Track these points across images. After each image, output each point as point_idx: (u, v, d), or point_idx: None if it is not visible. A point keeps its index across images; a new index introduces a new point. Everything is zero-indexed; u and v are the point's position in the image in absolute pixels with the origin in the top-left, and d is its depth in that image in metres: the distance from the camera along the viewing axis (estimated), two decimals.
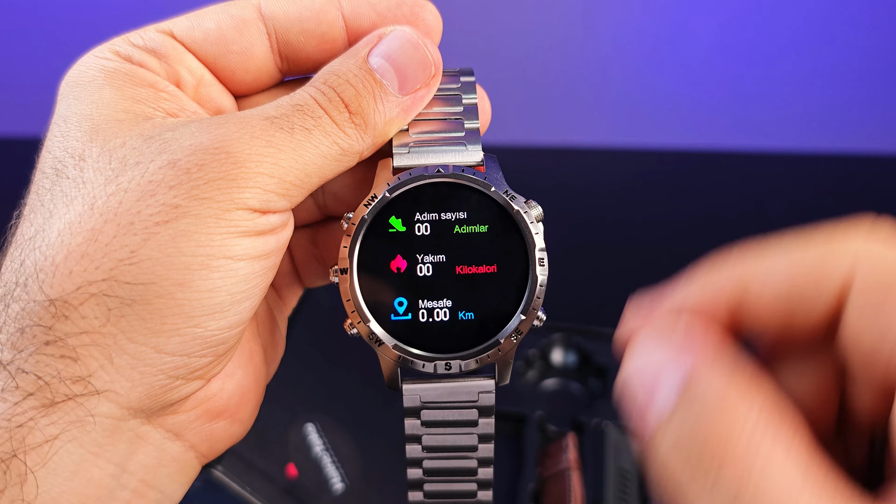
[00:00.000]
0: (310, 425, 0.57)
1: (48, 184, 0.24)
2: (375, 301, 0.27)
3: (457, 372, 0.27)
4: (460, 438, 0.28)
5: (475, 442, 0.28)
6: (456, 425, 0.28)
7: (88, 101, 0.25)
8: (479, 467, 0.29)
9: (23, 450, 0.22)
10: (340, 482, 0.54)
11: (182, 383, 0.24)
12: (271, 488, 0.52)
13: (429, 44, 0.27)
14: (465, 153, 0.28)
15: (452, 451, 0.29)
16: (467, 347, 0.27)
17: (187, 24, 0.28)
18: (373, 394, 0.61)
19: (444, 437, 0.28)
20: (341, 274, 0.27)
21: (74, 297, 0.23)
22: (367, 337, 0.27)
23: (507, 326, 0.27)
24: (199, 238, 0.23)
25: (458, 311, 0.28)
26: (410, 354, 0.27)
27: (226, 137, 0.24)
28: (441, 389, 0.28)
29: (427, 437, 0.28)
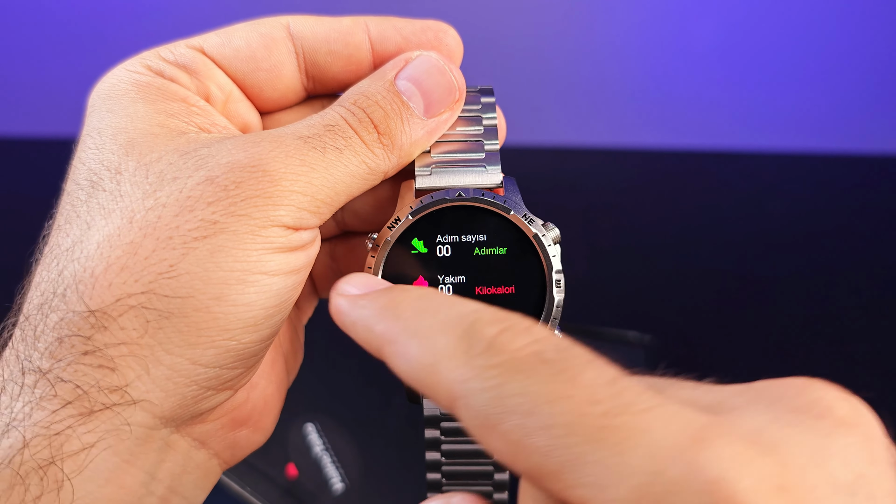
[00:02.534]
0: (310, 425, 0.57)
1: (83, 195, 0.25)
2: None
3: None
4: (478, 446, 0.29)
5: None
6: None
7: (123, 114, 0.26)
8: (496, 472, 0.30)
9: (60, 457, 0.22)
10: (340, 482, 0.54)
11: (213, 394, 0.25)
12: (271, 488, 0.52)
13: (453, 69, 0.28)
14: (484, 174, 0.29)
15: (470, 456, 0.29)
16: None
17: (217, 40, 0.28)
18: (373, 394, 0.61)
19: (463, 445, 0.29)
20: None
21: (114, 309, 0.23)
22: None
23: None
24: (236, 254, 0.24)
25: None
26: None
27: (262, 156, 0.24)
28: None
29: (446, 445, 0.29)
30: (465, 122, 0.29)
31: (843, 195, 0.87)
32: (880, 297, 0.73)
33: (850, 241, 0.80)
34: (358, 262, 0.32)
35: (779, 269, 0.76)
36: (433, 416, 0.29)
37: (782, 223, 0.82)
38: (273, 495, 0.52)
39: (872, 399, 0.66)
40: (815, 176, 0.89)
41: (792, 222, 0.82)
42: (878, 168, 0.88)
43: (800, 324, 0.70)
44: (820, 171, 0.89)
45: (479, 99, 0.30)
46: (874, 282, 0.75)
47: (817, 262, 0.77)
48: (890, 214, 0.83)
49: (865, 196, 0.86)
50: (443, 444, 0.29)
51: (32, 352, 0.23)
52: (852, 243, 0.79)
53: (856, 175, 0.88)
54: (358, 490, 0.54)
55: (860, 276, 0.76)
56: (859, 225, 0.82)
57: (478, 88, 0.30)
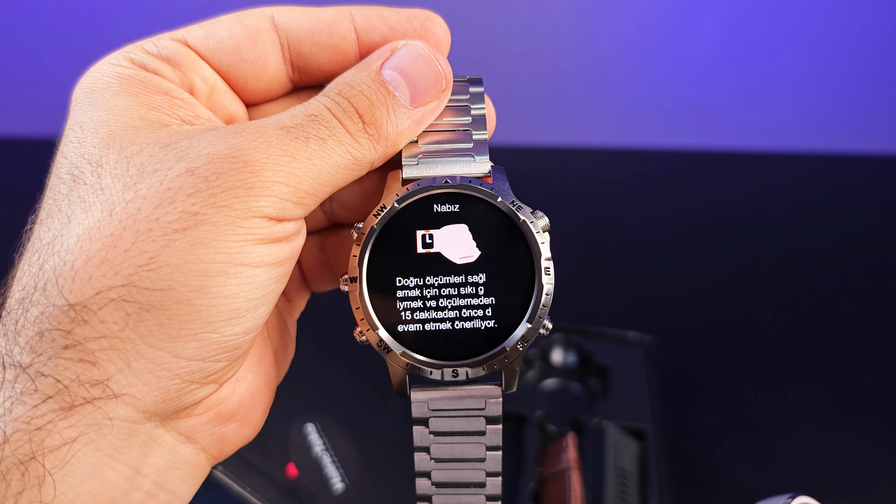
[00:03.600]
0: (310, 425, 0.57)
1: (65, 189, 0.25)
2: (384, 309, 0.28)
3: (464, 379, 0.28)
4: (468, 449, 0.29)
5: (483, 453, 0.29)
6: (464, 434, 0.28)
7: (104, 107, 0.26)
8: (488, 478, 0.29)
9: (41, 452, 0.22)
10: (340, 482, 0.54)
11: (196, 387, 0.25)
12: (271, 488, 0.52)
13: (440, 58, 0.28)
14: (473, 164, 0.28)
15: (460, 461, 0.29)
16: (474, 355, 0.28)
17: (201, 32, 0.28)
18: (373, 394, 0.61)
19: (453, 447, 0.29)
20: (351, 283, 0.28)
21: (94, 302, 0.23)
22: (376, 345, 0.28)
23: (514, 334, 0.28)
24: (217, 245, 0.23)
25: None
26: (418, 362, 0.28)
27: (243, 146, 0.24)
28: (449, 397, 0.28)
29: (435, 446, 0.29)
30: (453, 111, 0.29)
31: (843, 195, 0.87)
32: (880, 297, 0.73)
33: (850, 240, 0.80)
34: (346, 253, 0.32)
35: (778, 269, 0.76)
36: (422, 416, 0.28)
37: (782, 223, 0.82)
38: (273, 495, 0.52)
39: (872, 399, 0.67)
40: (815, 176, 0.89)
41: (792, 222, 0.82)
42: (878, 168, 0.88)
43: (800, 323, 0.70)
44: (820, 171, 0.89)
45: (468, 88, 0.29)
46: (874, 282, 0.75)
47: (817, 262, 0.77)
48: (890, 214, 0.84)
49: (865, 196, 0.86)
50: (432, 448, 0.29)
51: (13, 346, 0.23)
52: (852, 243, 0.79)
53: (856, 175, 0.89)
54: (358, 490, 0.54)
55: (860, 275, 0.76)
56: (859, 225, 0.82)
57: (466, 78, 0.29)
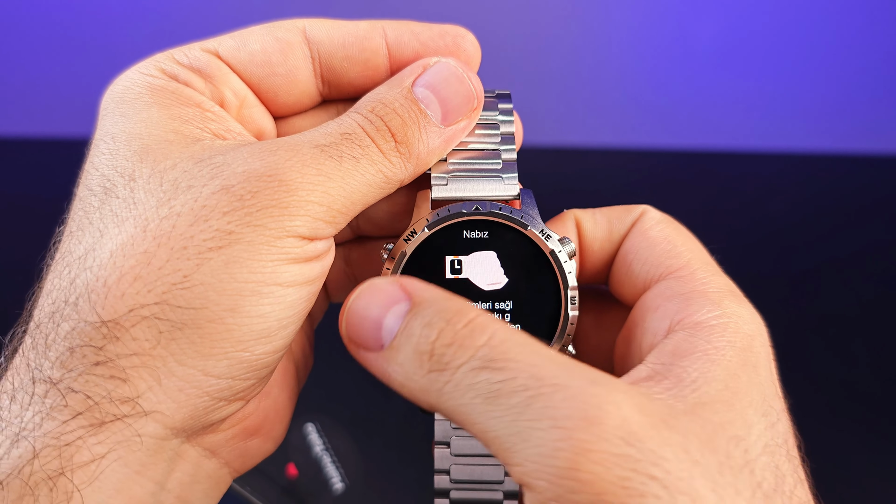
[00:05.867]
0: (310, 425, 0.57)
1: (96, 202, 0.24)
2: None
3: None
4: (488, 471, 0.28)
5: (502, 475, 0.29)
6: (485, 456, 0.28)
7: (136, 119, 0.25)
8: (505, 500, 0.29)
9: (70, 468, 0.22)
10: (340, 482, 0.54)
11: (224, 405, 0.25)
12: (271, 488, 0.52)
13: (472, 76, 0.28)
14: (501, 185, 0.28)
15: (480, 483, 0.29)
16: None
17: (232, 44, 0.28)
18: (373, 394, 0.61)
19: (472, 468, 0.29)
20: None
21: (126, 320, 0.23)
22: None
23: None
24: (251, 265, 0.23)
25: None
26: None
27: (278, 165, 0.24)
28: None
29: (455, 468, 0.29)
30: (483, 128, 0.29)
31: (843, 195, 0.87)
32: (880, 297, 0.73)
33: (851, 241, 0.80)
34: (373, 267, 0.32)
35: (778, 269, 0.76)
36: (444, 440, 0.28)
37: (782, 223, 0.82)
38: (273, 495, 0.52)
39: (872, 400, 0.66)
40: (815, 176, 0.89)
41: (792, 222, 0.82)
42: (878, 168, 0.88)
43: (800, 323, 0.70)
44: (820, 171, 0.89)
45: (497, 105, 0.29)
46: (874, 282, 0.75)
47: (817, 262, 0.77)
48: (890, 214, 0.83)
49: (865, 196, 0.86)
50: (452, 469, 0.29)
51: (43, 361, 0.23)
52: (852, 243, 0.79)
53: (856, 175, 0.88)
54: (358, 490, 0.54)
55: (860, 275, 0.76)
56: (859, 225, 0.82)
57: (495, 93, 0.29)
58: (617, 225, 0.29)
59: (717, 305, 0.25)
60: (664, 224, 0.29)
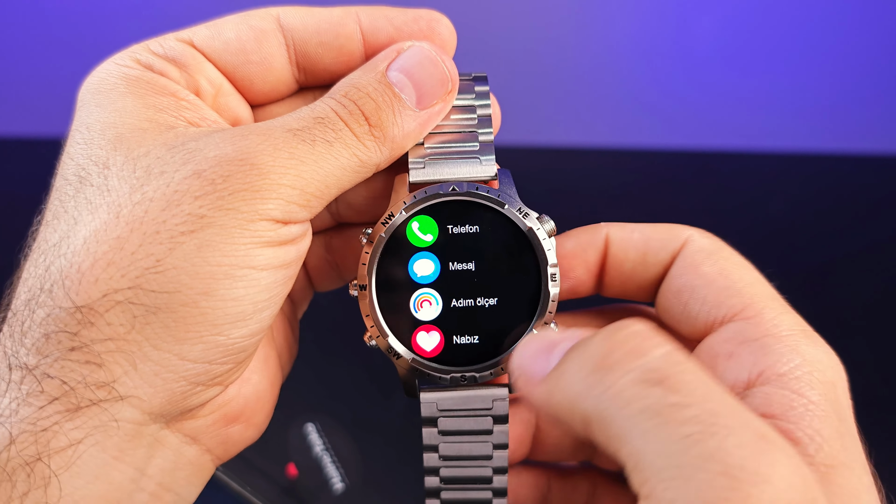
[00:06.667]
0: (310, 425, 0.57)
1: (71, 190, 0.25)
2: (394, 316, 0.28)
3: (472, 382, 0.28)
4: (476, 447, 0.29)
5: (490, 450, 0.29)
6: (471, 434, 0.29)
7: (111, 108, 0.26)
8: (494, 475, 0.29)
9: (47, 453, 0.22)
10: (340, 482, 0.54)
11: (202, 389, 0.25)
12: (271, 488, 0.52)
13: (446, 60, 0.28)
14: (479, 166, 0.28)
15: (468, 459, 0.29)
16: (482, 360, 0.28)
17: (207, 33, 0.28)
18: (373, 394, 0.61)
19: (461, 445, 0.29)
20: (360, 290, 0.28)
21: (100, 305, 0.23)
22: (385, 350, 0.28)
23: (521, 339, 0.28)
24: (223, 248, 0.23)
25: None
26: (427, 367, 0.28)
27: (250, 149, 0.24)
28: (457, 397, 0.28)
29: (444, 445, 0.29)
30: (459, 111, 0.29)
31: (843, 195, 0.87)
32: (880, 297, 0.73)
33: (851, 241, 0.80)
34: (353, 253, 0.32)
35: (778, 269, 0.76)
36: (431, 416, 0.29)
37: (782, 223, 0.82)
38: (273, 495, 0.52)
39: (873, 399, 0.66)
40: (815, 176, 0.89)
41: (792, 222, 0.82)
42: (878, 168, 0.88)
43: None
44: (820, 171, 0.89)
45: (473, 87, 0.29)
46: (874, 282, 0.75)
47: (817, 262, 0.77)
48: (890, 214, 0.83)
49: (865, 196, 0.86)
50: (440, 446, 0.29)
51: (19, 348, 0.23)
52: (852, 243, 0.79)
53: (856, 175, 0.88)
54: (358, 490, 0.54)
55: (860, 276, 0.76)
56: (859, 225, 0.82)
57: (471, 76, 0.29)
58: (656, 249, 0.28)
59: (796, 352, 0.24)
60: (716, 256, 0.27)
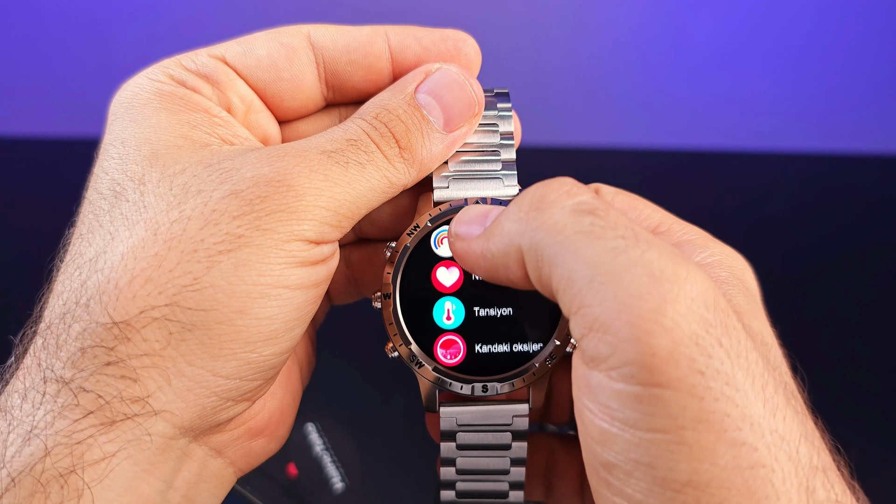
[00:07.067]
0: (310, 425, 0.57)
1: (106, 205, 0.25)
2: (417, 324, 0.29)
3: (493, 394, 0.29)
4: (493, 462, 0.29)
5: (508, 466, 0.29)
6: (490, 448, 0.29)
7: (146, 124, 0.26)
8: (511, 490, 0.30)
9: (81, 466, 0.22)
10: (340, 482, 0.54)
11: (232, 405, 0.25)
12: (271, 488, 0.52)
13: (473, 83, 0.28)
14: (501, 186, 0.29)
15: (485, 473, 0.29)
16: (503, 371, 0.29)
17: (239, 49, 0.28)
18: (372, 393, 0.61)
19: (478, 460, 0.29)
20: (384, 299, 0.28)
21: (137, 321, 0.23)
22: (407, 359, 0.29)
23: (542, 352, 0.28)
24: (259, 268, 0.24)
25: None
26: (449, 376, 0.28)
27: (287, 170, 0.25)
28: (477, 412, 0.29)
29: (461, 459, 0.29)
30: (482, 131, 0.29)
31: (843, 195, 0.87)
32: (881, 297, 0.73)
33: (851, 241, 0.80)
34: (374, 268, 0.32)
35: (778, 269, 0.76)
36: (450, 430, 0.29)
37: (782, 223, 0.82)
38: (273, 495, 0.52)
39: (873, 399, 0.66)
40: (815, 176, 0.89)
41: (792, 222, 0.82)
42: (878, 168, 0.88)
43: (799, 323, 0.70)
44: (820, 171, 0.89)
45: (496, 104, 0.30)
46: (874, 281, 0.75)
47: (817, 262, 0.77)
48: (890, 214, 0.83)
49: (865, 196, 0.86)
50: (458, 461, 0.29)
51: (55, 361, 0.23)
52: (852, 243, 0.79)
53: (856, 175, 0.88)
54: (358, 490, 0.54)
55: (860, 276, 0.76)
56: (859, 225, 0.82)
57: (494, 93, 0.30)
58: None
59: (706, 249, 0.27)
60: (623, 195, 0.29)
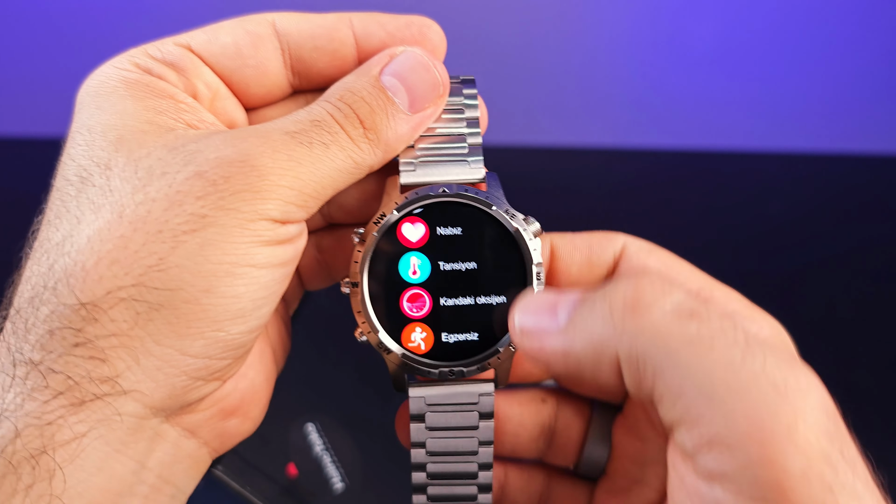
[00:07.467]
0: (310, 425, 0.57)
1: (73, 191, 0.25)
2: (384, 313, 0.29)
3: (459, 376, 0.29)
4: (462, 442, 0.30)
5: (476, 446, 0.30)
6: (458, 429, 0.29)
7: (112, 111, 0.26)
8: (480, 471, 0.30)
9: (52, 446, 0.23)
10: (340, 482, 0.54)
11: (202, 384, 0.26)
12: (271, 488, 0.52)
13: (437, 65, 0.28)
14: (468, 170, 0.29)
15: (454, 454, 0.30)
16: (469, 356, 0.29)
17: (204, 38, 0.29)
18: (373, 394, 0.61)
19: (447, 441, 0.30)
20: (352, 287, 0.29)
21: (104, 301, 0.23)
22: (376, 346, 0.29)
23: (506, 337, 0.29)
24: (224, 247, 0.24)
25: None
26: (416, 362, 0.29)
27: (250, 151, 0.25)
28: (444, 392, 0.29)
29: (431, 441, 0.30)
30: (448, 114, 0.30)
31: (843, 195, 0.87)
32: (881, 297, 0.73)
33: (850, 241, 0.80)
34: (344, 254, 0.32)
35: (778, 269, 0.76)
36: (419, 413, 0.29)
37: (782, 223, 0.82)
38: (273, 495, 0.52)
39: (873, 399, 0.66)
40: (815, 176, 0.89)
41: (792, 222, 0.82)
42: (878, 168, 0.88)
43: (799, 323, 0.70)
44: (820, 171, 0.89)
45: (462, 90, 0.30)
46: (874, 282, 0.75)
47: (817, 262, 0.77)
48: (890, 214, 0.83)
49: (865, 196, 0.86)
50: (428, 442, 0.30)
51: (23, 344, 0.24)
52: (852, 243, 0.79)
53: (856, 175, 0.88)
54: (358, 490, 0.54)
55: (860, 275, 0.76)
56: (859, 225, 0.82)
57: (460, 79, 0.30)
58: (598, 253, 0.30)
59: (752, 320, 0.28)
60: (656, 254, 0.29)
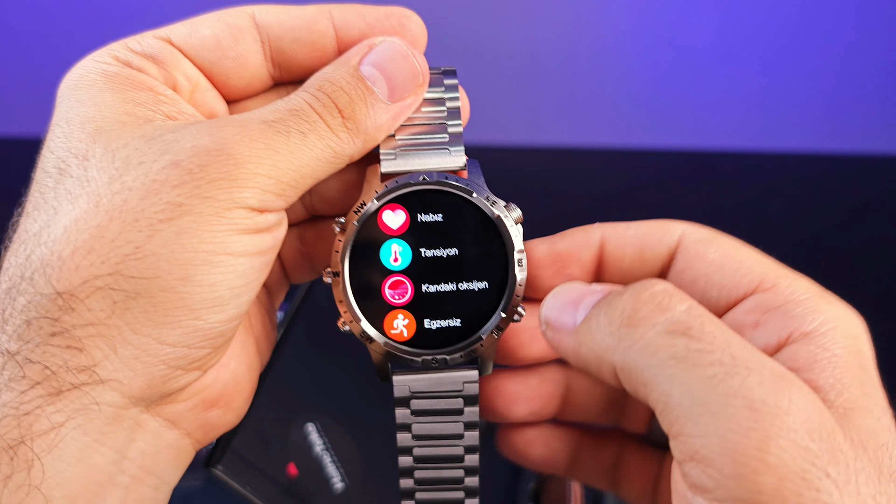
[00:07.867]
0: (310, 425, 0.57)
1: (51, 182, 0.25)
2: (366, 301, 0.29)
3: (443, 364, 0.29)
4: (447, 426, 0.30)
5: (461, 430, 0.30)
6: (443, 413, 0.30)
7: (90, 103, 0.26)
8: (466, 454, 0.30)
9: (30, 436, 0.23)
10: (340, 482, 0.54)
11: (181, 373, 0.26)
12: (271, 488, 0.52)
13: (417, 54, 0.28)
14: (448, 158, 0.29)
15: (440, 438, 0.30)
16: (453, 343, 0.29)
17: (184, 30, 0.29)
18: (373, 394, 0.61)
19: (433, 425, 0.30)
20: (334, 277, 0.29)
21: (81, 291, 0.23)
22: (359, 335, 0.29)
23: (489, 324, 0.29)
24: (201, 235, 0.24)
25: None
26: (399, 350, 0.29)
27: (226, 140, 0.25)
28: (429, 380, 0.29)
29: (416, 425, 0.30)
30: (429, 104, 0.30)
31: (843, 195, 0.87)
32: (880, 297, 0.73)
33: (850, 240, 0.80)
34: (326, 244, 0.32)
35: None
36: (404, 397, 0.30)
37: (782, 223, 0.82)
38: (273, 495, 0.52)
39: None
40: (815, 176, 0.89)
41: (792, 222, 0.82)
42: (878, 168, 0.88)
43: None
44: (820, 171, 0.89)
45: (443, 80, 0.30)
46: (874, 281, 0.75)
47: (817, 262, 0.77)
48: (890, 214, 0.83)
49: (865, 196, 0.86)
50: (413, 426, 0.30)
51: (0, 335, 0.24)
52: (852, 243, 0.79)
53: (856, 175, 0.88)
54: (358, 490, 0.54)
55: (860, 275, 0.76)
56: (859, 225, 0.82)
57: (441, 70, 0.30)
58: (652, 244, 0.29)
59: (817, 312, 0.26)
60: (717, 243, 0.28)
